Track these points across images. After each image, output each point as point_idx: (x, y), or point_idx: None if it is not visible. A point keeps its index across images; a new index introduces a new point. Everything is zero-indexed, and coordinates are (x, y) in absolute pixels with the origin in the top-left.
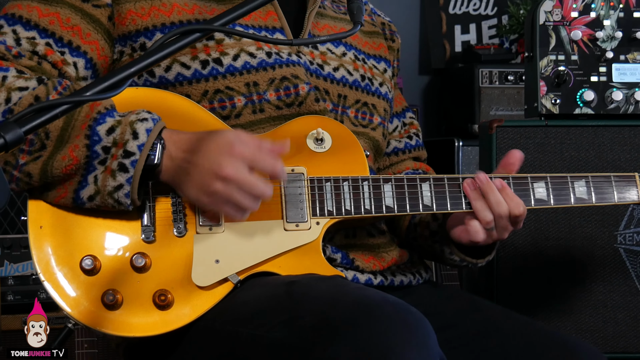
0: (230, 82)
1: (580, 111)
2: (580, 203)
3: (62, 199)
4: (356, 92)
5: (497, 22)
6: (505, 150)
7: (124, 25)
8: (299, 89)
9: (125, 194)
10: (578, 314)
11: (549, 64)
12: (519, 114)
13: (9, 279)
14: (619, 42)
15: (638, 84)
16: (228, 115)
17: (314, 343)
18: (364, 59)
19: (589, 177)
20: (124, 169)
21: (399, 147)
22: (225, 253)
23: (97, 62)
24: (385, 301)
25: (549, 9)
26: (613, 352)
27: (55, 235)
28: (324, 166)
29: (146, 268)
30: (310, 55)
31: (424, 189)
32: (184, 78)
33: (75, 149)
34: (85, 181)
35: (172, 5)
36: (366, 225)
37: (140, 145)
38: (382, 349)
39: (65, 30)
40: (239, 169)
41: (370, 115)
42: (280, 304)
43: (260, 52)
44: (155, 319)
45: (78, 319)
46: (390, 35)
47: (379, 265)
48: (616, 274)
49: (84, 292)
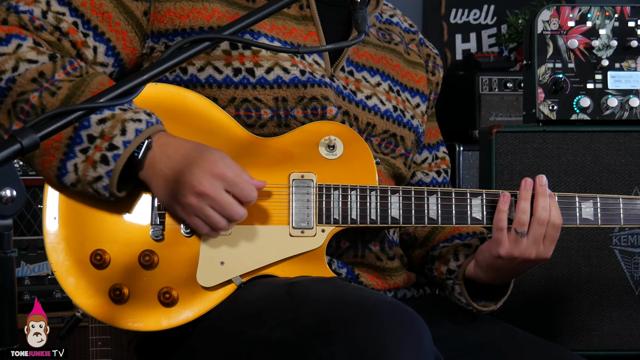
0: (260, 94)
1: (577, 117)
2: (585, 224)
3: (50, 183)
4: (387, 123)
5: (497, 31)
6: (504, 155)
7: (162, 22)
8: (326, 110)
9: (103, 187)
10: (575, 312)
11: (547, 71)
12: (517, 119)
13: (25, 279)
14: (614, 51)
15: (633, 91)
16: (252, 124)
17: (313, 343)
18: (398, 91)
19: (597, 198)
20: (105, 161)
21: (424, 180)
22: (231, 255)
23: (121, 51)
24: (382, 302)
25: (547, 19)
26: (608, 349)
27: (68, 227)
28: (333, 173)
29: (153, 265)
30: (345, 80)
31: (430, 202)
32: (214, 81)
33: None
34: (65, 168)
35: (213, 10)
36: (376, 248)
37: (126, 142)
38: (378, 348)
39: (95, 15)
40: (216, 187)
41: (394, 146)
42: (281, 305)
43: (294, 69)
44: (159, 316)
45: (85, 309)
46: (433, 69)
47: (381, 285)
48: (611, 274)
49: (92, 284)
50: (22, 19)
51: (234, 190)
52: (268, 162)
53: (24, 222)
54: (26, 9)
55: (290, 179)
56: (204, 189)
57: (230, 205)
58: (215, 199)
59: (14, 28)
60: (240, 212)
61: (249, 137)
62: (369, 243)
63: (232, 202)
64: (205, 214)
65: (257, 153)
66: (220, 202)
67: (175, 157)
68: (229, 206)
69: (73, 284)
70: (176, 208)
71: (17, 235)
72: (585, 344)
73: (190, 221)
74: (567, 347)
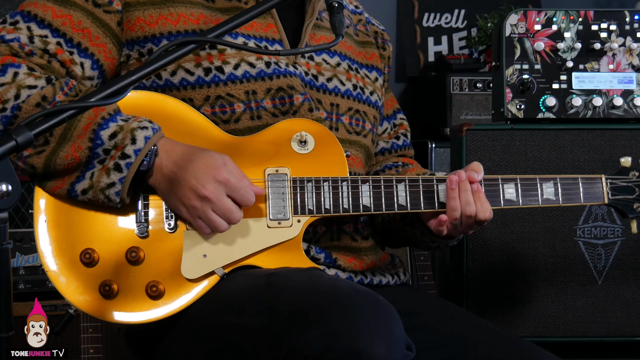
0: (231, 89)
1: (543, 116)
2: (547, 204)
3: (58, 189)
4: (348, 101)
5: (467, 35)
6: (474, 151)
7: (133, 31)
8: (293, 99)
9: (115, 192)
10: (541, 301)
11: (514, 72)
12: (486, 118)
13: (20, 269)
14: (578, 53)
15: (596, 91)
16: (228, 120)
17: (291, 330)
18: (356, 69)
19: (557, 178)
20: (118, 169)
21: (385, 147)
22: (213, 248)
23: (103, 63)
24: (355, 291)
25: (514, 22)
26: (573, 336)
27: (58, 229)
28: (306, 167)
29: (140, 261)
30: (306, 66)
31: (399, 189)
32: (187, 83)
33: (78, 150)
34: (83, 176)
35: (178, 15)
36: (350, 229)
37: (137, 150)
38: (351, 335)
39: (76, 32)
40: (218, 192)
41: (362, 122)
42: (260, 294)
43: (260, 62)
44: (147, 308)
45: (77, 306)
46: (382, 44)
47: (359, 266)
48: (575, 264)
49: (83, 282)
50: (12, 47)
51: (235, 195)
52: (244, 159)
53: (18, 215)
54: (12, 37)
55: (266, 174)
56: (207, 193)
57: (231, 210)
58: (217, 204)
59: (7, 57)
60: (238, 216)
61: (225, 136)
62: (344, 225)
63: (232, 207)
64: (207, 217)
65: (234, 151)
66: (222, 207)
67: (180, 163)
68: (229, 211)
69: (65, 282)
70: (181, 210)
71: (12, 228)
72: (551, 331)
73: (194, 222)
74: (534, 334)
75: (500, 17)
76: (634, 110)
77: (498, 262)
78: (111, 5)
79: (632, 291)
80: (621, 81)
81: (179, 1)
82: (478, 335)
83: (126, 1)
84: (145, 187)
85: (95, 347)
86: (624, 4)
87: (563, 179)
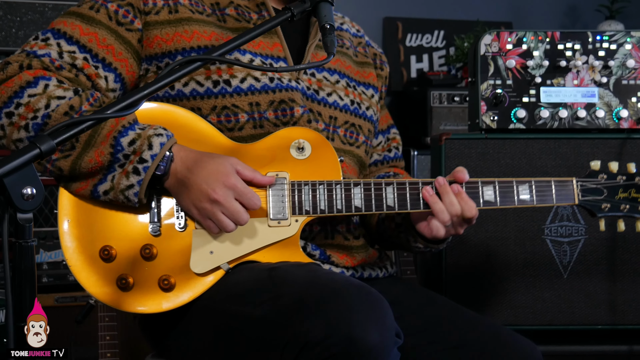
0: (236, 101)
1: (514, 126)
2: (522, 204)
3: (82, 190)
4: (345, 114)
5: (446, 53)
6: (452, 158)
7: (151, 47)
8: (294, 111)
9: (134, 193)
10: (512, 293)
11: (488, 87)
12: (463, 128)
13: (43, 264)
14: (545, 70)
15: (562, 104)
16: (232, 128)
17: (292, 319)
18: (354, 86)
19: (532, 181)
20: (137, 172)
21: (378, 159)
22: (219, 245)
23: (125, 76)
24: (350, 284)
25: (488, 42)
26: (541, 324)
27: (80, 228)
28: (304, 171)
29: (153, 257)
30: (308, 81)
31: (387, 191)
32: (197, 93)
33: (101, 155)
34: (105, 179)
35: (192, 32)
36: (343, 229)
37: (153, 155)
38: (347, 324)
39: (101, 48)
40: (227, 196)
41: (357, 135)
42: (264, 286)
43: (264, 77)
44: (159, 299)
45: (97, 297)
46: (380, 65)
47: (350, 262)
48: (543, 260)
49: (102, 276)
50: (43, 62)
51: (242, 199)
52: (247, 163)
53: (42, 216)
54: (44, 52)
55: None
56: (217, 197)
57: (238, 212)
58: (226, 206)
59: (39, 71)
60: (246, 218)
61: (229, 143)
62: (337, 225)
63: (240, 209)
64: (217, 218)
65: (237, 156)
66: (230, 209)
67: (193, 169)
68: (237, 213)
69: (86, 276)
70: (192, 211)
71: (37, 227)
72: (522, 319)
73: (204, 222)
74: (506, 322)
75: (475, 37)
76: (595, 122)
77: (474, 259)
78: (133, 24)
79: (594, 284)
80: (584, 95)
81: (194, 20)
82: (458, 320)
83: (146, 20)
84: (158, 190)
85: (111, 334)
86: (587, 25)
87: (537, 182)
